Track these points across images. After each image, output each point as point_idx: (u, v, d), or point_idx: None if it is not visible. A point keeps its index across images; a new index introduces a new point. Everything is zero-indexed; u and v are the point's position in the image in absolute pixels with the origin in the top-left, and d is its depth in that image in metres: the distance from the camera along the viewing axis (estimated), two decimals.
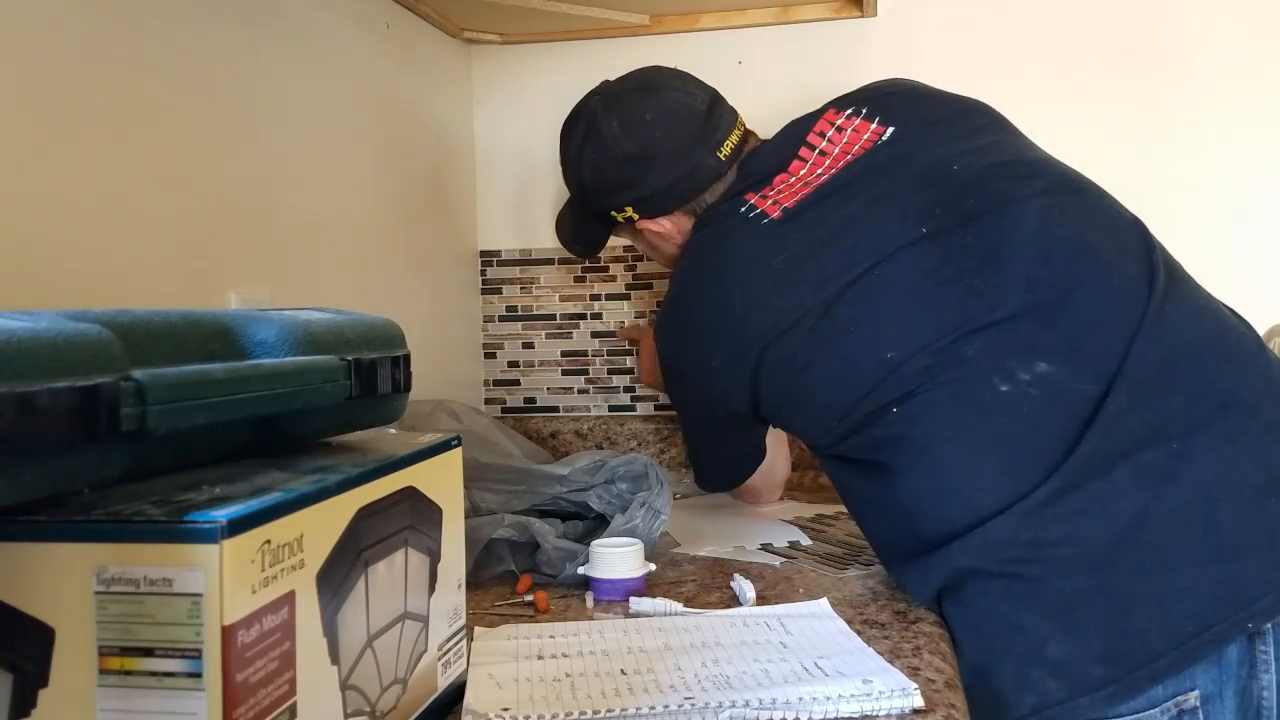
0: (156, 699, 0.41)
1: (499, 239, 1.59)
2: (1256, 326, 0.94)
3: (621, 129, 1.08)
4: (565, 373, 1.58)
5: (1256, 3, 1.36)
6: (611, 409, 1.58)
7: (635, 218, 1.13)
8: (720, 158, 1.07)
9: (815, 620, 0.82)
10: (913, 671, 0.71)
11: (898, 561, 0.90)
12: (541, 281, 1.58)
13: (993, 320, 0.86)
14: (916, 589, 0.87)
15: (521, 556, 0.95)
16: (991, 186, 0.93)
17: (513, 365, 1.59)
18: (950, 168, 0.95)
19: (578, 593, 0.92)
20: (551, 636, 0.79)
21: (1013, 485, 0.81)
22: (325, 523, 0.49)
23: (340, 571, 0.50)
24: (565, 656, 0.74)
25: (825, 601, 0.86)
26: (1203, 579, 0.78)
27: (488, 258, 1.59)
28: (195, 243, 0.91)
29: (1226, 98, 1.37)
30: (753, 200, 0.99)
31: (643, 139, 1.07)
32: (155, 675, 0.41)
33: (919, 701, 0.65)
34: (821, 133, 1.02)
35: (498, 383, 1.60)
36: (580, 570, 0.91)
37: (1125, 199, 0.97)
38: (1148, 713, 0.78)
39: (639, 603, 0.87)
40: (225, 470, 0.51)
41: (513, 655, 0.74)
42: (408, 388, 0.65)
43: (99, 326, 0.43)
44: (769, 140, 1.07)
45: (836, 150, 1.00)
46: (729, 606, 0.87)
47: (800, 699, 0.64)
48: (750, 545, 1.08)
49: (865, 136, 1.00)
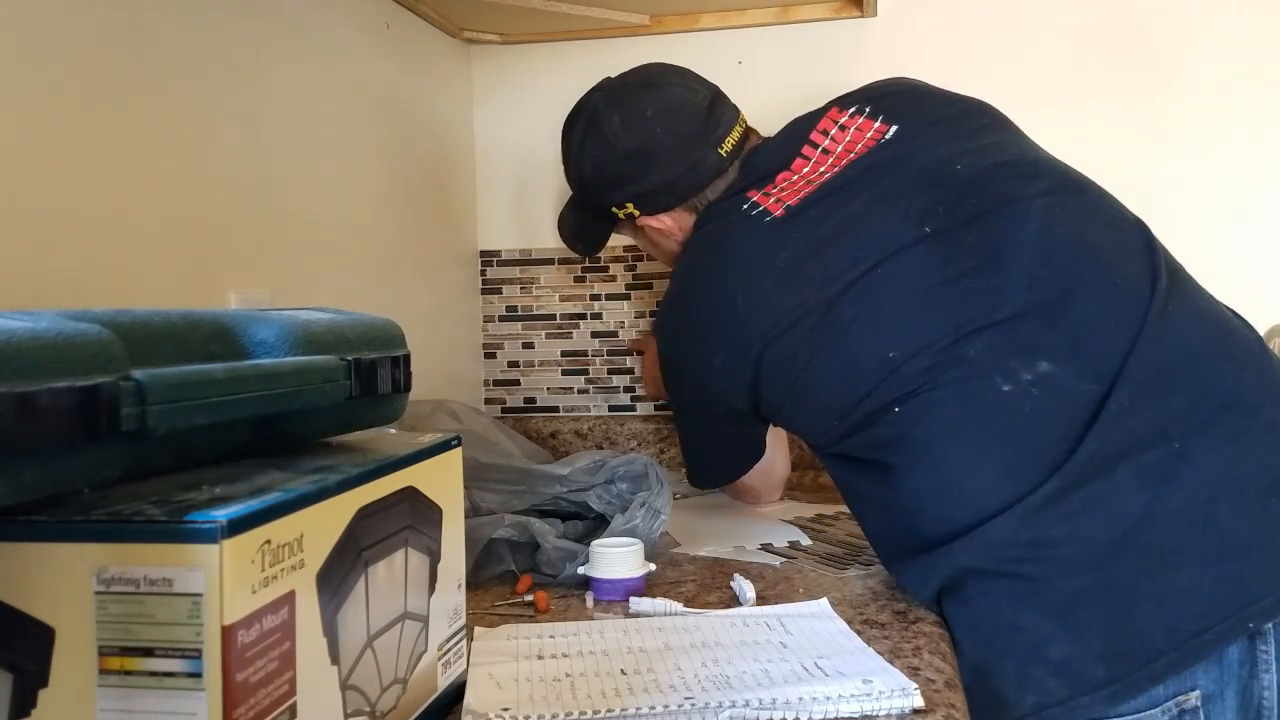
0: (156, 699, 0.41)
1: (499, 239, 1.59)
2: (1256, 326, 0.94)
3: (623, 125, 1.08)
4: (565, 373, 1.58)
5: (1257, 3, 1.36)
6: (611, 409, 1.57)
7: (636, 214, 1.12)
8: (722, 154, 1.07)
9: (815, 620, 0.82)
10: (913, 671, 0.71)
11: (898, 560, 0.89)
12: (541, 281, 1.58)
13: (995, 320, 0.85)
14: (917, 588, 0.87)
15: (521, 556, 0.95)
16: (994, 186, 0.93)
17: (513, 365, 1.59)
18: (953, 167, 0.95)
19: (578, 593, 0.92)
20: (551, 636, 0.79)
21: (1014, 485, 0.81)
22: (325, 523, 0.49)
23: (340, 571, 0.50)
24: (565, 656, 0.74)
25: (825, 601, 0.86)
26: (1204, 579, 0.78)
27: (488, 258, 1.59)
28: (195, 243, 0.91)
29: (1226, 98, 1.37)
30: (755, 197, 0.99)
31: (644, 135, 1.07)
32: (155, 675, 0.41)
33: (919, 701, 0.65)
34: (825, 131, 1.02)
35: (498, 383, 1.60)
36: (580, 570, 0.91)
37: (1126, 199, 0.97)
38: (1149, 712, 0.78)
39: (639, 603, 0.87)
40: (225, 470, 0.51)
41: (513, 655, 0.74)
42: (408, 388, 0.65)
43: (99, 326, 0.43)
44: (772, 138, 1.07)
45: (839, 149, 1.00)
46: (729, 606, 0.87)
47: (800, 699, 0.64)
48: (750, 545, 1.08)
49: (868, 135, 1.00)
